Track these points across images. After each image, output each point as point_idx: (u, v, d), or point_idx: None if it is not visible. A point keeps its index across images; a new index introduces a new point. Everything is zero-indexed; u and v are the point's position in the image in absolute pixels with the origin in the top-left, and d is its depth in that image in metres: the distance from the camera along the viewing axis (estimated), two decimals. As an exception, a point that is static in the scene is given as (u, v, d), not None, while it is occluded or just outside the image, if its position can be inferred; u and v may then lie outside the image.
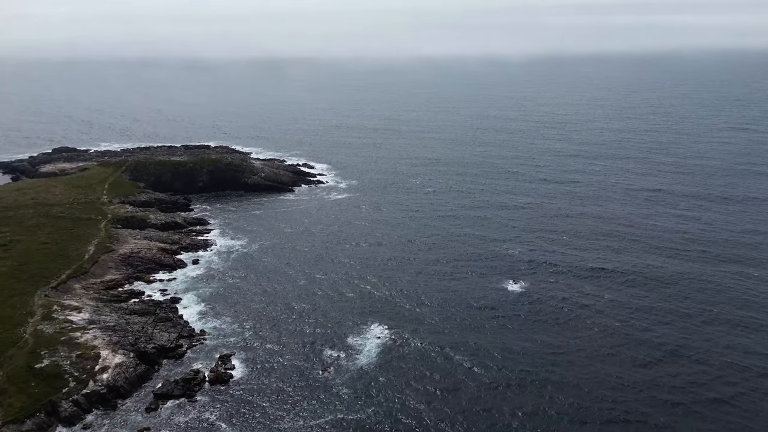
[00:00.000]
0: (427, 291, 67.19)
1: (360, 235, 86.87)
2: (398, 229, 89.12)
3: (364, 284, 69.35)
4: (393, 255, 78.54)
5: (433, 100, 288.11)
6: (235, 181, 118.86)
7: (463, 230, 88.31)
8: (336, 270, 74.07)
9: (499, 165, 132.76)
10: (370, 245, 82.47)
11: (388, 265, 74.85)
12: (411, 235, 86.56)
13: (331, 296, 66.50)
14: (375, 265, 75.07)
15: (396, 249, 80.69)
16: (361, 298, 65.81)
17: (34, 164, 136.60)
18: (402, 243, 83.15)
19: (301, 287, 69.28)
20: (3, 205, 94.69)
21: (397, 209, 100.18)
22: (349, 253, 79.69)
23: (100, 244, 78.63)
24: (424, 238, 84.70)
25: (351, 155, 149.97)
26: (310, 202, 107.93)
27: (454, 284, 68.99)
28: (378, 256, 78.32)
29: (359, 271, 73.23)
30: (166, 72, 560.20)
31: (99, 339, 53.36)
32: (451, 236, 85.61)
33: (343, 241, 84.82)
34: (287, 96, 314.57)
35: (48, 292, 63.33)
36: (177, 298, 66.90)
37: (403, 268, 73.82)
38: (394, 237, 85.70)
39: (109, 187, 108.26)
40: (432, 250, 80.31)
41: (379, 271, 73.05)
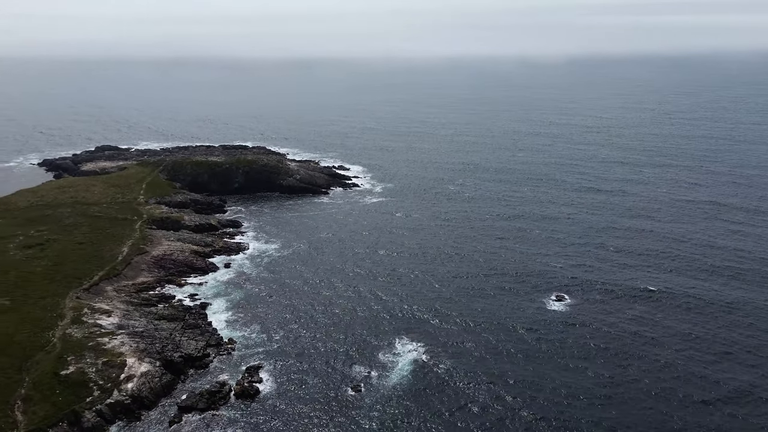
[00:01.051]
0: (462, 307, 63.56)
1: (394, 244, 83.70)
2: (433, 239, 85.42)
3: (397, 297, 66.33)
4: (427, 267, 75.04)
5: (467, 102, 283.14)
6: (270, 182, 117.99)
7: (501, 242, 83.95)
8: (368, 280, 71.45)
9: (540, 172, 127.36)
10: (404, 255, 79.20)
11: (422, 278, 71.53)
12: (446, 245, 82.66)
13: (363, 308, 63.88)
14: (408, 277, 71.95)
15: (430, 260, 77.12)
16: (393, 311, 62.84)
17: (76, 162, 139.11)
18: (437, 254, 79.44)
19: (332, 297, 66.97)
20: (43, 203, 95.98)
21: (432, 217, 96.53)
22: (382, 262, 76.84)
23: (134, 245, 78.30)
24: (460, 249, 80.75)
25: (386, 158, 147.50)
26: (345, 205, 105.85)
27: (491, 301, 65.11)
28: (412, 267, 75.08)
29: (392, 283, 70.31)
30: (203, 72, 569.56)
31: (126, 346, 52.25)
32: (487, 248, 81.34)
33: (376, 249, 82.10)
34: (321, 96, 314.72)
35: (80, 294, 62.91)
36: (207, 303, 65.62)
37: (438, 281, 70.49)
38: (429, 247, 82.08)
39: (146, 187, 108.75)
40: (468, 262, 76.47)
41: (412, 284, 69.89)
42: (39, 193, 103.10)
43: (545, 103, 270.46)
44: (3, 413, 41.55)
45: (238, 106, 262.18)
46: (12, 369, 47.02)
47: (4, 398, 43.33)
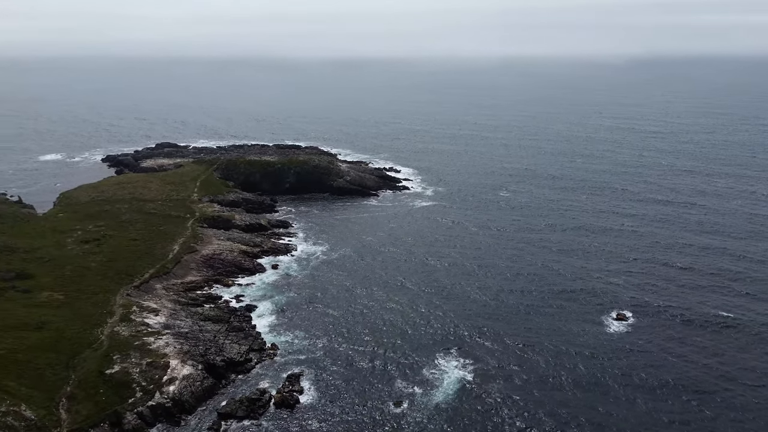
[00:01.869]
0: (511, 325, 60.13)
1: (440, 253, 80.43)
2: (482, 250, 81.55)
3: (441, 311, 63.43)
4: (474, 279, 71.49)
5: (522, 104, 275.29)
6: (321, 183, 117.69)
7: (556, 255, 79.08)
8: (415, 289, 69.07)
9: (600, 180, 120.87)
10: (451, 265, 75.83)
11: (469, 291, 68.21)
12: (496, 256, 78.65)
13: (409, 319, 61.59)
14: (454, 290, 68.75)
15: (478, 272, 73.46)
16: (440, 325, 60.15)
17: (137, 158, 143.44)
18: (485, 265, 75.57)
19: (377, 305, 65.09)
20: (102, 199, 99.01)
21: (483, 225, 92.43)
22: (428, 272, 73.93)
23: (185, 243, 79.14)
24: (510, 262, 76.76)
25: (437, 160, 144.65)
26: (393, 209, 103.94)
27: (544, 320, 61.21)
28: (458, 279, 71.81)
29: (437, 295, 67.51)
30: (257, 72, 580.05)
31: (170, 347, 52.21)
32: (541, 261, 76.85)
33: (423, 257, 79.43)
34: (371, 97, 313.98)
35: (130, 291, 63.81)
36: (252, 305, 65.20)
37: (486, 296, 67.14)
38: (477, 258, 78.33)
39: (200, 185, 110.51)
40: (519, 276, 72.48)
41: (458, 297, 66.72)
42: (100, 188, 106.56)
43: (605, 107, 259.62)
44: (48, 411, 41.97)
45: (291, 106, 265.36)
46: (60, 365, 47.69)
47: (51, 395, 43.85)
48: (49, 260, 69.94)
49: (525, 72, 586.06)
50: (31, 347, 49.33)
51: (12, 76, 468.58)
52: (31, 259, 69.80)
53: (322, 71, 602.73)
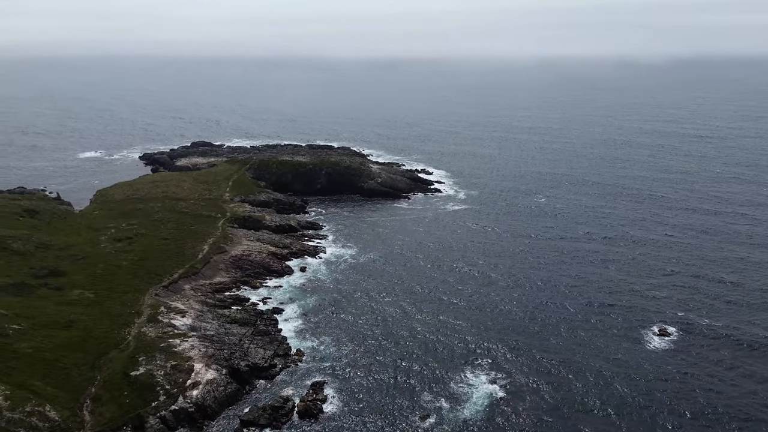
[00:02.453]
0: (546, 338, 57.64)
1: (474, 260, 77.91)
2: (515, 259, 78.54)
3: (473, 321, 61.31)
4: (508, 290, 68.89)
5: (560, 106, 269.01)
6: (351, 184, 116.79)
7: (592, 266, 75.47)
8: (444, 299, 67.03)
9: (641, 187, 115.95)
10: (484, 273, 73.26)
11: (501, 302, 65.67)
12: (529, 266, 75.41)
13: (436, 329, 59.58)
14: (486, 300, 66.32)
15: (512, 282, 70.72)
16: (469, 337, 57.92)
17: (172, 157, 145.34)
18: (518, 276, 72.55)
19: (404, 313, 63.40)
20: (136, 197, 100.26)
21: (516, 232, 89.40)
22: (460, 280, 71.71)
23: (215, 243, 79.13)
24: (544, 272, 73.59)
25: (471, 163, 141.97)
26: (424, 212, 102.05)
27: (580, 334, 58.26)
28: (491, 288, 69.37)
29: (468, 304, 65.32)
30: (293, 72, 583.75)
31: (196, 350, 51.77)
32: (576, 272, 73.53)
33: (455, 262, 77.36)
34: (405, 97, 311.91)
35: (159, 291, 63.88)
36: (279, 308, 64.45)
37: (519, 307, 64.59)
38: (512, 267, 75.57)
39: (232, 184, 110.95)
40: (552, 287, 69.50)
41: (490, 308, 64.27)
42: (135, 186, 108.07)
43: (647, 109, 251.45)
44: (72, 412, 41.87)
45: (324, 106, 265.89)
46: (86, 366, 47.71)
47: (75, 396, 43.80)
48: (83, 258, 70.75)
49: (562, 72, 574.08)
50: (59, 346, 49.56)
51: (53, 75, 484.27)
52: (64, 257, 70.74)
53: (356, 71, 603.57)
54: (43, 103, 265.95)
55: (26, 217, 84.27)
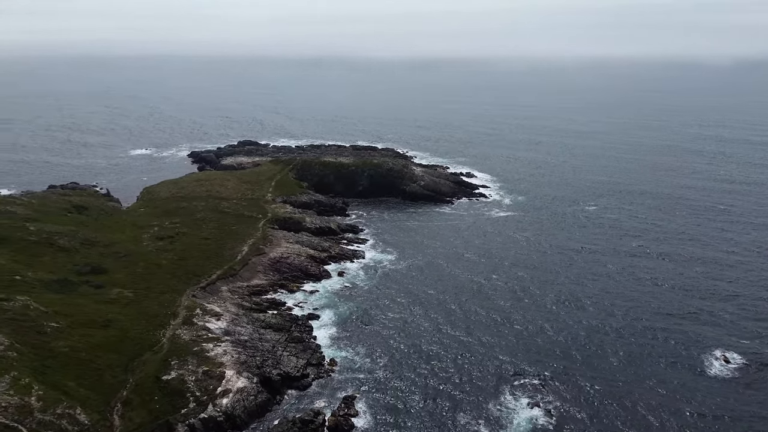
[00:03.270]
0: (593, 361, 54.00)
1: (516, 273, 74.28)
2: (563, 272, 74.41)
3: (514, 341, 58.03)
4: (551, 308, 65.05)
5: (611, 109, 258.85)
6: (394, 187, 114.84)
7: (644, 284, 70.57)
8: (485, 310, 64.09)
9: (703, 198, 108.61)
10: (527, 289, 69.50)
11: (545, 320, 62.16)
12: (577, 283, 71.24)
13: (476, 346, 56.74)
14: (528, 317, 62.85)
15: (557, 298, 66.83)
16: (510, 356, 54.78)
17: (219, 156, 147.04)
18: (565, 290, 68.55)
19: (443, 327, 60.81)
20: (181, 195, 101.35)
21: (563, 244, 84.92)
22: (502, 294, 68.24)
23: (254, 245, 78.67)
24: (593, 288, 69.49)
25: (518, 167, 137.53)
26: (467, 218, 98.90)
27: (631, 358, 54.34)
28: (533, 305, 65.76)
29: (510, 321, 62.08)
30: (338, 72, 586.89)
31: (228, 355, 50.89)
32: (629, 290, 68.93)
33: (496, 275, 73.94)
34: (447, 98, 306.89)
35: (196, 292, 63.64)
36: (315, 314, 63.12)
37: (563, 325, 60.94)
38: (557, 282, 71.59)
39: (275, 185, 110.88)
40: (603, 304, 65.32)
41: (533, 326, 60.79)
42: (180, 184, 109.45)
43: (706, 113, 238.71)
44: (102, 416, 41.51)
45: (367, 107, 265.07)
46: (120, 368, 47.49)
47: (107, 399, 43.50)
48: (125, 256, 71.47)
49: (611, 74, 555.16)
50: (95, 346, 49.61)
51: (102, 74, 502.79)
52: (108, 254, 71.64)
53: (397, 71, 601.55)
54: (95, 101, 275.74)
55: (74, 213, 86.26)
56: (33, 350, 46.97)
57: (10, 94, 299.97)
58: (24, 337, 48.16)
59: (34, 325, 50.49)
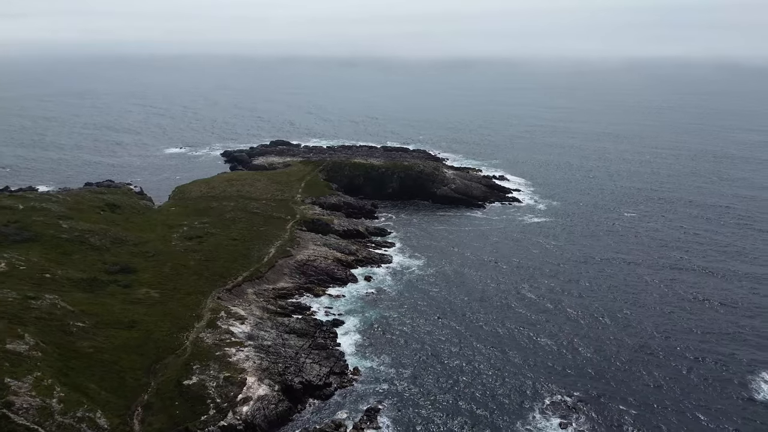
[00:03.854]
0: (629, 377, 51.17)
1: (548, 285, 71.41)
2: (599, 286, 71.05)
3: (547, 352, 55.76)
4: (585, 325, 62.08)
5: (653, 112, 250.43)
6: (424, 190, 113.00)
7: (688, 302, 66.60)
8: (514, 324, 61.66)
9: (753, 209, 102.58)
10: (558, 303, 66.52)
11: (581, 332, 59.50)
12: (614, 298, 67.77)
13: (505, 358, 54.62)
14: (562, 328, 60.28)
15: (591, 315, 63.70)
16: (541, 370, 52.52)
17: (251, 155, 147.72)
18: (600, 307, 65.26)
19: (471, 337, 58.80)
20: (211, 195, 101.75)
21: (600, 254, 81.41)
22: (532, 308, 65.49)
23: (282, 247, 78.06)
24: (630, 304, 65.92)
25: (552, 171, 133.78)
26: (499, 223, 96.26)
27: (672, 381, 51.25)
28: (568, 315, 63.16)
29: (543, 332, 59.68)
30: (370, 72, 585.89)
31: (250, 361, 50.06)
32: (669, 308, 65.10)
33: (529, 283, 71.53)
34: (482, 99, 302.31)
35: (221, 295, 63.20)
36: (339, 320, 61.91)
37: (600, 338, 58.21)
38: (591, 296, 68.38)
39: (304, 186, 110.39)
40: (639, 323, 61.95)
41: (564, 343, 57.98)
42: (211, 184, 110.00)
43: (757, 118, 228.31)
44: (122, 420, 41.09)
45: (401, 107, 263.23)
46: (142, 370, 47.17)
47: (128, 402, 43.13)
48: (153, 255, 71.73)
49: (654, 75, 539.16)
50: (119, 347, 49.47)
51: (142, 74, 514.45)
52: (137, 253, 72.03)
53: (431, 71, 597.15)
54: (132, 100, 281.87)
55: (107, 211, 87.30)
56: (57, 350, 47.06)
57: (50, 93, 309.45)
58: (49, 337, 48.34)
59: (60, 325, 50.71)
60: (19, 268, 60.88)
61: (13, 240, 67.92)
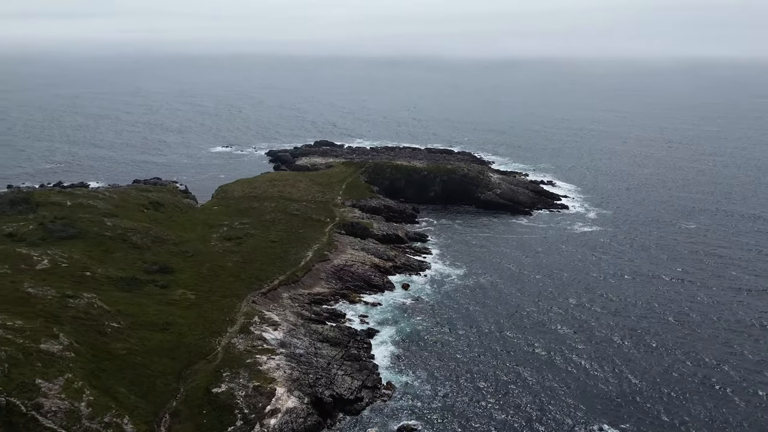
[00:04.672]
0: (681, 413, 47.10)
1: (597, 298, 67.58)
2: (655, 299, 66.77)
3: (590, 377, 52.14)
4: (637, 345, 58.12)
5: (714, 117, 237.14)
6: (467, 194, 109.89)
7: (755, 327, 61.28)
8: (557, 344, 58.09)
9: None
10: (608, 319, 62.64)
11: (627, 357, 55.39)
12: (670, 312, 63.43)
13: (545, 382, 51.34)
14: (609, 353, 56.32)
15: (644, 334, 59.56)
16: (581, 398, 48.98)
17: (294, 155, 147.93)
18: (655, 332, 60.42)
19: (511, 355, 55.70)
20: (253, 195, 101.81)
21: (656, 269, 76.32)
22: (579, 323, 61.97)
23: (319, 250, 76.85)
24: (687, 323, 61.33)
25: (605, 178, 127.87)
26: (546, 232, 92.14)
27: (728, 412, 47.12)
28: (615, 338, 59.05)
29: (586, 355, 55.96)
30: (409, 71, 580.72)
31: (281, 370, 48.72)
32: (730, 328, 60.25)
33: (574, 299, 67.62)
34: (528, 100, 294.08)
35: (256, 298, 62.35)
36: (374, 330, 59.98)
37: (649, 366, 54.02)
38: (644, 312, 64.11)
39: (345, 188, 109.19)
40: (698, 346, 57.48)
41: (613, 363, 54.33)
42: (253, 184, 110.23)
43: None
44: (149, 427, 40.39)
45: (445, 108, 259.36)
46: (172, 375, 46.53)
47: (156, 408, 42.44)
48: (192, 255, 71.75)
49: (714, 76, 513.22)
50: (151, 350, 49.07)
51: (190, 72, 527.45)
52: (177, 252, 72.22)
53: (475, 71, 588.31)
54: (181, 99, 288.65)
55: (151, 210, 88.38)
56: (91, 351, 46.97)
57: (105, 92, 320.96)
58: (84, 337, 48.37)
59: (96, 325, 50.76)
60: (61, 265, 61.77)
61: (58, 236, 69.23)
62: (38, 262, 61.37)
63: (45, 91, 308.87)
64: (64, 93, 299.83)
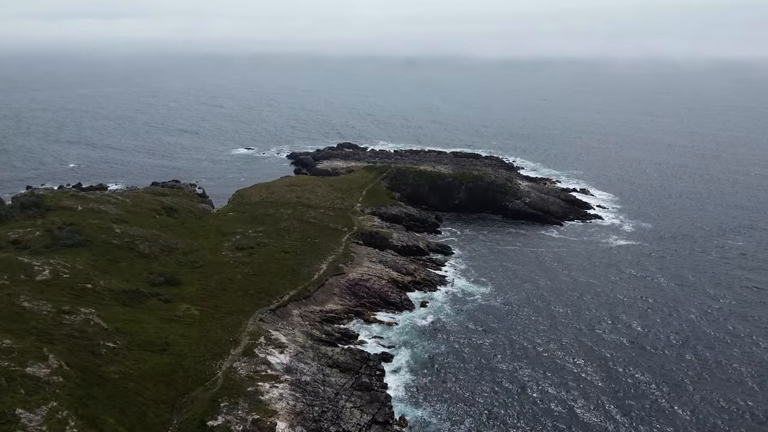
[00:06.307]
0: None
1: (635, 321, 62.08)
2: (701, 334, 60.46)
3: (636, 418, 46.74)
4: (680, 374, 52.67)
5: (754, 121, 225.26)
6: (494, 202, 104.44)
7: None
8: (590, 374, 52.73)
9: None
10: (649, 341, 57.23)
11: (669, 389, 50.02)
12: (716, 341, 57.61)
13: (583, 424, 46.08)
14: (645, 383, 51.00)
15: (688, 364, 54.05)
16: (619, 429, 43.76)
17: (316, 158, 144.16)
18: (697, 352, 55.26)
19: (540, 386, 50.56)
20: (270, 201, 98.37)
21: (701, 290, 70.16)
22: (619, 347, 56.71)
23: (334, 262, 72.72)
24: (736, 351, 55.57)
25: (642, 187, 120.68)
26: (578, 245, 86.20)
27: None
28: (658, 367, 53.65)
29: (623, 387, 50.65)
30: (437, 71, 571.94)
31: (284, 401, 44.60)
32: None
33: (608, 322, 62.05)
34: (557, 103, 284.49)
35: (264, 316, 58.49)
36: (389, 354, 55.49)
37: (693, 398, 48.35)
38: (686, 338, 58.33)
39: (365, 194, 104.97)
40: (750, 377, 51.68)
41: (650, 396, 49.06)
42: (271, 188, 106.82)
43: None
44: (134, 466, 36.64)
45: (472, 109, 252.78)
46: (166, 404, 42.83)
47: (144, 444, 38.67)
48: (201, 266, 68.43)
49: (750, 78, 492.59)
50: (146, 375, 45.49)
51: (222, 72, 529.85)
52: (185, 262, 69.00)
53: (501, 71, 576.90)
54: (205, 98, 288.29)
55: (163, 215, 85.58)
56: (81, 374, 43.56)
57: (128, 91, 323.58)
58: (76, 358, 45.05)
59: (90, 344, 47.44)
60: (63, 276, 58.93)
61: (63, 244, 66.61)
62: (39, 273, 58.64)
63: (72, 90, 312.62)
64: (90, 93, 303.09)
